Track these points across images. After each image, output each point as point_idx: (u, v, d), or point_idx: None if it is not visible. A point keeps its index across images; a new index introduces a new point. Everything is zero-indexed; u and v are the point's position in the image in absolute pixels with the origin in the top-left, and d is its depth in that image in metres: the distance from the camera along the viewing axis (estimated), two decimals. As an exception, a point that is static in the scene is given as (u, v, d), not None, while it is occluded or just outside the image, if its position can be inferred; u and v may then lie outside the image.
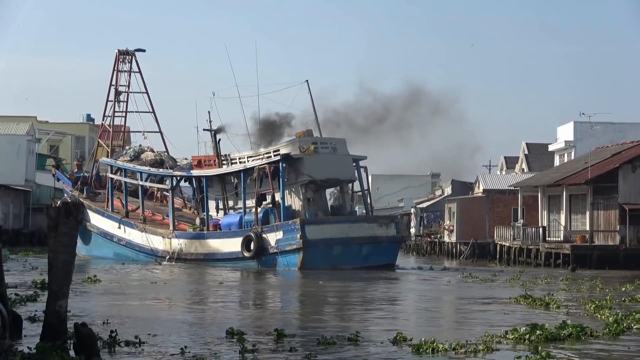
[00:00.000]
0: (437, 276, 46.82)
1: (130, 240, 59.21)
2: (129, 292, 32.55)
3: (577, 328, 19.80)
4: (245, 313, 26.36)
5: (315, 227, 50.41)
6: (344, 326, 21.84)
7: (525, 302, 28.43)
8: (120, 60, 67.87)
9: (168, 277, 42.64)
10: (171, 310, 26.09)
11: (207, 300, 30.83)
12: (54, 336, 14.27)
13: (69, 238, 14.73)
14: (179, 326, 21.30)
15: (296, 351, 17.24)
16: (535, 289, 35.14)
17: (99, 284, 35.27)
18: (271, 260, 51.14)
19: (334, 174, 52.89)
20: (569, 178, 58.31)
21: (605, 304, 26.88)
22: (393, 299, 33.38)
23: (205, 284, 39.79)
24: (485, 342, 17.91)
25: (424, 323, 23.68)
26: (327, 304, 31.00)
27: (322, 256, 49.67)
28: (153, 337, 18.66)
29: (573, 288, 36.76)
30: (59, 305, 14.54)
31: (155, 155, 62.93)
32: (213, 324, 21.95)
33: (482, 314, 26.21)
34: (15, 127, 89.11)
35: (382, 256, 51.31)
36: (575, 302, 29.11)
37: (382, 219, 54.64)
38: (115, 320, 21.57)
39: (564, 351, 17.87)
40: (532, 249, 58.86)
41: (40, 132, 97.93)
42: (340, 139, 54.86)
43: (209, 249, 54.16)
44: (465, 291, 35.99)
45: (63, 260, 14.67)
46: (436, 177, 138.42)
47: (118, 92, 67.82)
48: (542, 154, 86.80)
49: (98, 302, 27.17)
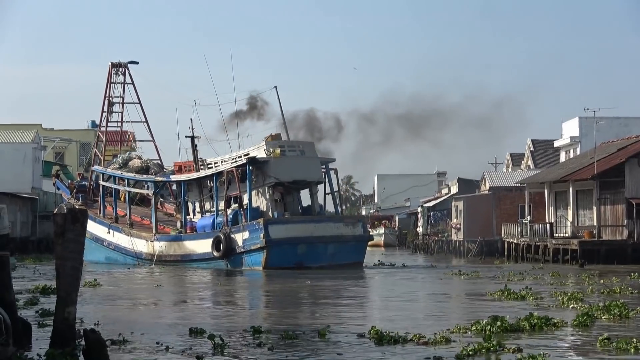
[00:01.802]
0: (419, 273, 47.79)
1: (118, 244, 61.64)
2: (118, 295, 32.76)
3: (541, 319, 20.54)
4: (218, 312, 26.78)
5: (278, 227, 51.73)
6: (317, 322, 22.30)
7: (503, 296, 29.16)
8: (114, 72, 70.48)
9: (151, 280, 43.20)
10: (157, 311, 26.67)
11: (187, 301, 31.39)
12: (63, 342, 14.29)
13: (76, 244, 14.74)
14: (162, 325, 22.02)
15: (264, 345, 17.82)
16: (518, 283, 35.77)
17: (99, 288, 35.45)
18: (239, 260, 52.76)
19: (300, 176, 54.30)
20: (575, 174, 58.24)
21: (577, 296, 27.72)
22: (367, 295, 34.32)
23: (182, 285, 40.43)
24: (441, 334, 18.53)
25: (398, 317, 24.01)
26: (304, 301, 31.44)
27: (286, 255, 50.87)
28: (141, 335, 19.24)
29: (558, 282, 37.68)
30: (68, 311, 14.55)
31: (142, 162, 65.71)
32: (190, 322, 22.04)
33: (457, 307, 27.09)
34: (21, 135, 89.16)
35: (349, 255, 52.61)
36: (556, 295, 29.53)
37: (348, 219, 56.67)
38: (106, 321, 22.15)
39: (520, 340, 18.44)
40: (540, 246, 58.81)
41: (45, 140, 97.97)
42: (308, 142, 57.12)
43: (185, 251, 56.35)
44: (448, 287, 36.83)
45: (70, 267, 14.68)
46: (442, 176, 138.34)
47: (111, 103, 70.68)
48: (548, 150, 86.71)
49: (95, 306, 27.25)
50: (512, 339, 18.56)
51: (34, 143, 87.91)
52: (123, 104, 71.20)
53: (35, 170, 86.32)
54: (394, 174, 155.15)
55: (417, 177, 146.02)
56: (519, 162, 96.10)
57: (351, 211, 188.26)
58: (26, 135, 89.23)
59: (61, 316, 14.57)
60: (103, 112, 70.98)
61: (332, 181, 56.24)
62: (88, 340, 13.88)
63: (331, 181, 56.21)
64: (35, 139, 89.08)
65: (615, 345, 17.24)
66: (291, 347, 17.76)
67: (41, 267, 50.88)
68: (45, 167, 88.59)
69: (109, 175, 65.44)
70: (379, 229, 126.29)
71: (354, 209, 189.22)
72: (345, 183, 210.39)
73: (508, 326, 19.86)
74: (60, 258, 14.71)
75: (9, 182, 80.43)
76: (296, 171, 53.89)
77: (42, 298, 28.93)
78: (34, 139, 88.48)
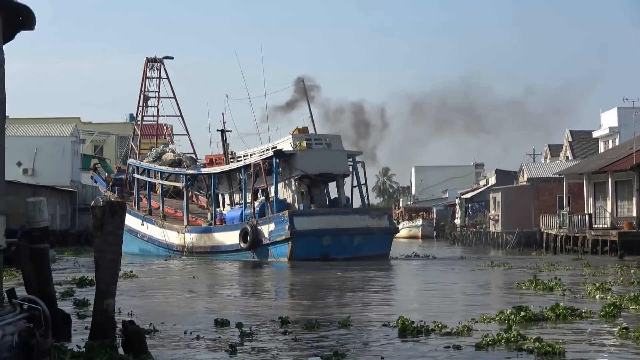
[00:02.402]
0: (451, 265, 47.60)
1: (151, 236, 62.69)
2: (153, 286, 32.88)
3: (567, 309, 20.58)
4: (247, 303, 26.89)
5: (304, 219, 51.95)
6: (343, 312, 22.43)
7: (532, 286, 29.18)
8: (149, 67, 71.89)
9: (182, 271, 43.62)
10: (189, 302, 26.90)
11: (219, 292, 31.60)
12: (102, 334, 14.38)
13: (114, 237, 14.81)
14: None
15: (290, 334, 18.08)
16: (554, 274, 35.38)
17: (135, 279, 35.64)
18: (265, 251, 52.92)
19: (326, 169, 54.47)
20: (614, 164, 57.78)
21: (605, 287, 27.75)
22: (394, 286, 34.30)
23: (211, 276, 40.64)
24: (463, 324, 18.64)
25: (425, 308, 24.13)
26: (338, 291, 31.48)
27: (311, 246, 50.94)
28: (173, 325, 19.46)
29: (591, 273, 37.46)
30: (107, 304, 14.63)
31: (175, 155, 66.78)
32: (221, 313, 22.20)
33: (484, 298, 27.14)
34: (60, 129, 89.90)
35: (375, 247, 52.59)
36: (584, 286, 29.58)
37: (374, 211, 56.61)
38: (139, 311, 22.39)
39: (543, 330, 18.50)
40: (579, 237, 58.41)
41: (84, 133, 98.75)
42: (335, 135, 57.27)
43: (214, 242, 56.87)
44: (477, 278, 36.71)
45: (109, 259, 14.75)
46: (480, 167, 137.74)
47: (146, 98, 72.26)
48: (587, 141, 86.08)
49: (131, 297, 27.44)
50: (535, 329, 18.68)
51: (73, 136, 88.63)
52: (158, 98, 72.63)
53: (74, 164, 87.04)
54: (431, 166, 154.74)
55: (454, 168, 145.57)
56: (557, 153, 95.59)
57: (388, 203, 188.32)
58: (65, 128, 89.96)
59: (100, 308, 14.66)
60: (139, 107, 72.61)
61: (359, 174, 56.25)
62: (127, 331, 13.96)
63: (358, 174, 56.22)
64: (74, 133, 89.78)
65: (634, 334, 17.26)
66: (315, 337, 17.94)
67: (80, 259, 51.33)
68: (84, 161, 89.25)
69: (143, 169, 66.41)
70: (416, 221, 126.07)
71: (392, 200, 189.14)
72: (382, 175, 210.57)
73: (532, 316, 19.96)
74: (99, 250, 14.78)
75: (48, 176, 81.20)
76: (322, 164, 54.15)
77: (78, 289, 29.10)
78: (72, 132, 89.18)
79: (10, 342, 10.42)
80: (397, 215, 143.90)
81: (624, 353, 16.08)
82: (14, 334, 10.52)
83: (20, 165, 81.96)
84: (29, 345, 10.61)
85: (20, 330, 10.66)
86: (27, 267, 14.29)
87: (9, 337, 10.43)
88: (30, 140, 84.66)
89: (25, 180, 75.84)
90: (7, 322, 10.65)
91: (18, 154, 79.74)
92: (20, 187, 62.27)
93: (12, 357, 10.36)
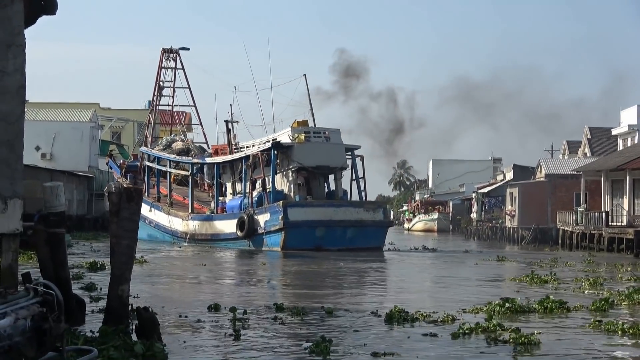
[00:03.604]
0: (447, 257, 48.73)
1: (158, 222, 64.27)
2: (160, 272, 33.24)
3: (555, 302, 21.17)
4: (243, 290, 27.37)
5: (297, 210, 52.87)
6: (335, 301, 23.08)
7: (528, 280, 29.85)
8: (165, 58, 74.57)
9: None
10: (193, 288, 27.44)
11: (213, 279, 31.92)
12: (116, 320, 14.41)
13: (130, 223, 14.82)
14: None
15: (280, 320, 18.68)
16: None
17: (146, 265, 36.00)
18: (260, 240, 53.98)
19: (324, 162, 55.44)
20: (632, 162, 57.55)
21: (598, 282, 28.80)
22: (390, 278, 34.78)
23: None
24: (447, 313, 19.22)
25: (418, 298, 24.62)
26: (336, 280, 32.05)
27: (305, 237, 51.92)
28: (175, 309, 19.99)
29: (590, 269, 38.08)
30: (122, 289, 14.65)
31: (183, 144, 68.39)
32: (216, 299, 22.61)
33: (478, 290, 27.48)
34: (79, 114, 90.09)
35: (368, 239, 53.50)
36: (578, 281, 30.24)
37: (369, 204, 56.75)
38: (144, 295, 22.94)
39: (527, 322, 19.06)
40: (595, 234, 58.26)
41: (102, 119, 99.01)
42: (334, 129, 57.67)
43: (215, 230, 58.29)
44: (476, 271, 37.33)
45: (125, 245, 14.78)
46: (498, 162, 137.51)
47: (161, 87, 74.84)
48: (606, 138, 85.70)
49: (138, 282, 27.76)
50: (519, 321, 19.07)
51: (92, 122, 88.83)
52: (174, 88, 74.89)
53: (92, 149, 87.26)
54: (449, 159, 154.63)
55: (472, 162, 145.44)
56: (575, 150, 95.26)
57: (405, 196, 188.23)
58: (84, 114, 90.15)
59: (115, 294, 14.69)
60: (154, 96, 75.01)
61: (357, 168, 57.20)
62: (141, 317, 13.99)
63: (356, 168, 57.19)
64: (93, 118, 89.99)
65: (604, 327, 17.85)
66: (304, 323, 18.55)
67: (96, 244, 51.59)
68: (102, 146, 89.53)
69: (154, 157, 67.92)
70: (432, 214, 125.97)
71: (408, 193, 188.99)
72: (399, 167, 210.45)
73: (518, 308, 20.55)
74: (115, 236, 14.81)
75: (66, 161, 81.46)
76: (320, 157, 55.06)
77: (89, 274, 29.44)
78: (91, 118, 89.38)
79: (23, 326, 10.44)
80: (414, 209, 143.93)
81: (596, 344, 16.42)
82: (27, 319, 10.54)
83: (38, 149, 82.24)
84: (42, 330, 10.64)
85: (34, 315, 10.67)
86: (43, 252, 14.32)
87: (22, 322, 10.45)
88: (49, 125, 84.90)
89: (43, 164, 76.17)
90: (20, 306, 10.68)
91: (37, 139, 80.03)
92: (38, 172, 62.53)
93: (24, 341, 10.38)
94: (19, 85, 12.39)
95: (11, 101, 12.32)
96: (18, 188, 12.40)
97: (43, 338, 10.67)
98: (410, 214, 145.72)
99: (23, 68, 12.37)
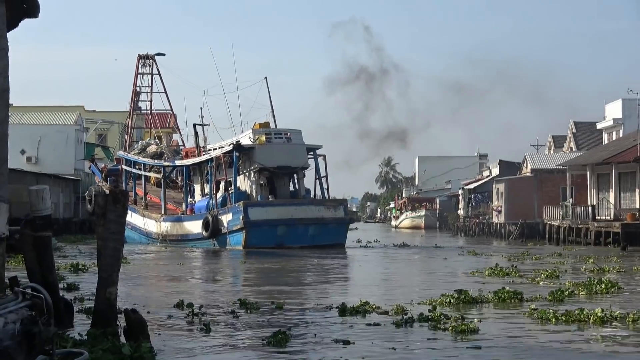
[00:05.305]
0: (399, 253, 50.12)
1: (134, 224, 64.99)
2: (137, 272, 33.53)
3: (509, 293, 21.86)
4: (208, 287, 28.20)
5: (258, 209, 54.59)
6: (293, 297, 23.73)
7: (493, 273, 30.56)
8: (141, 64, 76.84)
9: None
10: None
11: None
12: (104, 323, 14.39)
13: (117, 225, 14.79)
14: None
15: (237, 314, 19.28)
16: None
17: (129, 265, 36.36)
18: (224, 239, 55.77)
19: (284, 162, 56.88)
20: (617, 156, 57.75)
21: (554, 273, 29.66)
22: (354, 273, 35.82)
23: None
24: (398, 305, 19.69)
25: (379, 292, 25.26)
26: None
27: (266, 235, 53.32)
28: (142, 307, 20.01)
29: (558, 262, 38.70)
30: (109, 292, 14.62)
31: (157, 148, 70.32)
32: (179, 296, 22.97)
33: (439, 283, 28.22)
34: (64, 117, 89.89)
35: (330, 236, 54.79)
36: (536, 273, 31.01)
37: (330, 202, 57.88)
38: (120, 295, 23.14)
39: (475, 312, 19.79)
40: (582, 228, 58.44)
41: (87, 122, 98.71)
42: (296, 129, 59.16)
43: (184, 231, 60.06)
44: (445, 264, 38.51)
45: (112, 248, 14.74)
46: (484, 158, 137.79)
47: (137, 93, 77.63)
48: (591, 132, 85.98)
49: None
50: (470, 312, 19.70)
51: (77, 125, 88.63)
52: (151, 93, 78.00)
53: (78, 152, 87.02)
54: (435, 156, 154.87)
55: (458, 159, 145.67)
56: (561, 144, 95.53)
57: (392, 193, 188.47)
58: (69, 117, 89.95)
59: (103, 296, 14.65)
60: (132, 102, 77.68)
61: (319, 167, 58.60)
62: (129, 320, 13.98)
63: (318, 167, 58.56)
64: (78, 121, 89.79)
65: (537, 315, 18.47)
66: (259, 316, 19.18)
67: (82, 247, 51.66)
68: (87, 149, 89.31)
69: (131, 160, 69.29)
70: (419, 211, 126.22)
71: (395, 191, 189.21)
72: (385, 165, 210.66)
73: (470, 299, 21.28)
74: (102, 239, 14.77)
75: (52, 164, 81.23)
76: (280, 157, 56.37)
77: (70, 275, 29.59)
78: (76, 120, 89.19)
79: (13, 330, 10.42)
80: (400, 206, 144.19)
81: (527, 329, 17.17)
82: (16, 322, 10.51)
83: (23, 153, 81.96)
84: (32, 333, 10.62)
85: (23, 319, 10.65)
86: (30, 255, 14.28)
87: (11, 325, 10.42)
88: (34, 129, 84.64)
89: (28, 168, 75.91)
90: (9, 310, 10.65)
91: (22, 142, 79.74)
92: (23, 175, 62.37)
93: (14, 345, 10.35)
94: (2, 88, 12.34)
95: (-5, 105, 12.27)
96: (3, 192, 12.36)
97: (33, 342, 10.66)
98: (397, 212, 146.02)
99: (6, 71, 12.31)
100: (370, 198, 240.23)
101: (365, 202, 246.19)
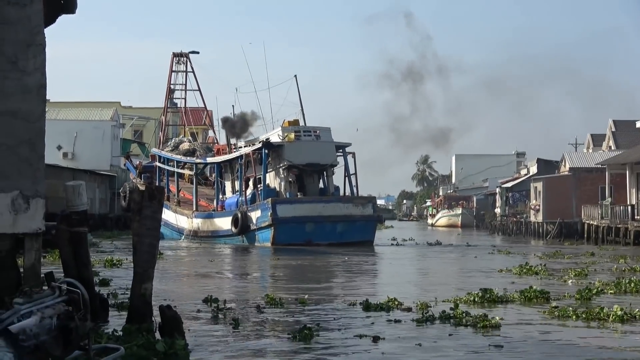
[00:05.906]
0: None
1: (167, 220, 64.87)
2: (168, 268, 34.12)
3: (535, 292, 21.72)
4: (236, 283, 28.56)
5: (286, 206, 54.88)
6: (322, 293, 23.92)
7: (519, 271, 30.61)
8: (176, 62, 78.68)
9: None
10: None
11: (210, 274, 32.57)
12: (139, 319, 14.36)
13: (152, 221, 14.75)
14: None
15: (262, 310, 19.42)
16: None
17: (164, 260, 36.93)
18: (253, 236, 56.28)
19: (313, 159, 57.25)
20: (657, 155, 57.26)
21: (583, 272, 29.49)
22: (382, 270, 36.05)
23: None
24: (422, 302, 19.83)
25: (405, 290, 25.06)
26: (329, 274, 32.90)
27: (294, 232, 53.88)
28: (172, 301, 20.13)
29: (591, 261, 38.72)
30: (144, 288, 14.58)
31: (190, 145, 71.21)
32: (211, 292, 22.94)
33: (467, 281, 28.18)
34: (100, 113, 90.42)
35: (358, 234, 55.19)
36: (565, 272, 30.93)
37: (358, 200, 58.06)
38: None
39: (504, 310, 19.82)
40: (621, 228, 57.92)
41: (124, 118, 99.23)
42: (325, 127, 59.59)
43: (215, 227, 60.74)
44: (476, 263, 38.36)
45: (147, 244, 14.70)
46: (521, 156, 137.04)
47: (172, 90, 79.30)
48: (630, 131, 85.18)
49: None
50: (495, 309, 19.83)
51: (113, 121, 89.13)
52: (186, 90, 79.75)
53: (114, 148, 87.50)
54: (471, 154, 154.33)
55: (495, 157, 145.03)
56: (599, 143, 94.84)
57: (428, 191, 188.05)
58: (105, 113, 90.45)
59: (138, 292, 14.62)
60: (166, 99, 79.49)
61: (348, 164, 59.09)
62: (164, 316, 13.94)
63: (347, 164, 59.09)
64: (114, 117, 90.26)
65: (558, 313, 18.52)
66: (284, 312, 19.30)
67: (118, 243, 51.96)
68: (123, 145, 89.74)
69: (164, 157, 70.07)
70: (456, 210, 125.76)
71: (432, 189, 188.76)
72: (422, 163, 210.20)
73: (495, 297, 21.26)
74: (138, 235, 14.73)
75: (88, 160, 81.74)
76: (309, 155, 56.82)
77: (104, 270, 29.72)
78: (112, 116, 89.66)
79: (49, 325, 10.41)
80: (437, 204, 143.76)
81: (547, 327, 17.19)
82: (52, 317, 10.50)
83: (60, 149, 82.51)
84: (68, 329, 10.60)
85: (59, 314, 10.63)
86: (66, 251, 14.28)
87: (48, 320, 10.41)
88: (71, 124, 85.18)
89: (65, 164, 76.38)
90: (46, 305, 10.64)
91: (58, 138, 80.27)
92: (60, 171, 62.78)
93: (51, 339, 10.34)
94: (40, 84, 12.34)
95: (32, 100, 12.28)
96: (40, 187, 12.36)
97: (69, 337, 10.63)
98: (433, 210, 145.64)
99: (43, 67, 12.32)
100: (407, 196, 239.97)
101: (402, 200, 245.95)
